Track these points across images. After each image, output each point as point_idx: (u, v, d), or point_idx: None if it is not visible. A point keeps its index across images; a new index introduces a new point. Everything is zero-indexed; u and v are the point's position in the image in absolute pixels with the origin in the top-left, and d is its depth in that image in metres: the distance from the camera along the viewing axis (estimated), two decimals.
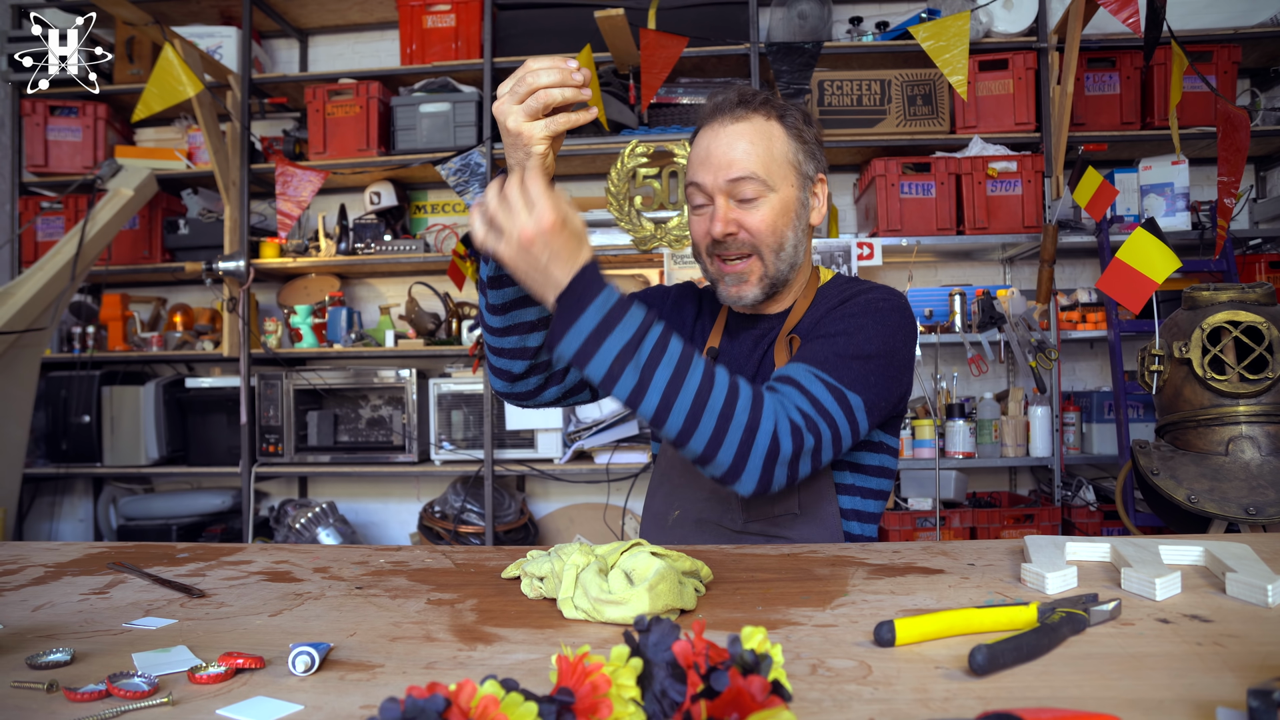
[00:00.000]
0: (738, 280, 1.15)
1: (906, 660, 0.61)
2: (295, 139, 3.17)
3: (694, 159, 1.15)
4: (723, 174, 1.10)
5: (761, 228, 1.11)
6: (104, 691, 0.57)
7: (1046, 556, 0.85)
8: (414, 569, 0.94)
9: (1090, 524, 2.74)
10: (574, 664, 0.49)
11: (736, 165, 1.10)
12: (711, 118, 1.14)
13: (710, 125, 1.14)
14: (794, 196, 1.14)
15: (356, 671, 0.61)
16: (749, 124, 1.12)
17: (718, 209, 1.11)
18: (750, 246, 1.13)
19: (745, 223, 1.11)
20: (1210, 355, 1.59)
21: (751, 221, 1.11)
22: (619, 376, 0.90)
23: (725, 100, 1.14)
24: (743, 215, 1.11)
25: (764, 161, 1.11)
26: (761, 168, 1.10)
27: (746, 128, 1.11)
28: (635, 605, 0.70)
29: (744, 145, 1.10)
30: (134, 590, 0.87)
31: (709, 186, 1.12)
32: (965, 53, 2.30)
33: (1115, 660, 0.60)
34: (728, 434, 0.93)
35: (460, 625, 0.72)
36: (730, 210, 1.11)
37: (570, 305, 0.88)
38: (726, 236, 1.12)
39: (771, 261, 1.13)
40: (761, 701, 0.43)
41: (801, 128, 1.15)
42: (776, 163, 1.12)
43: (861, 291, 1.16)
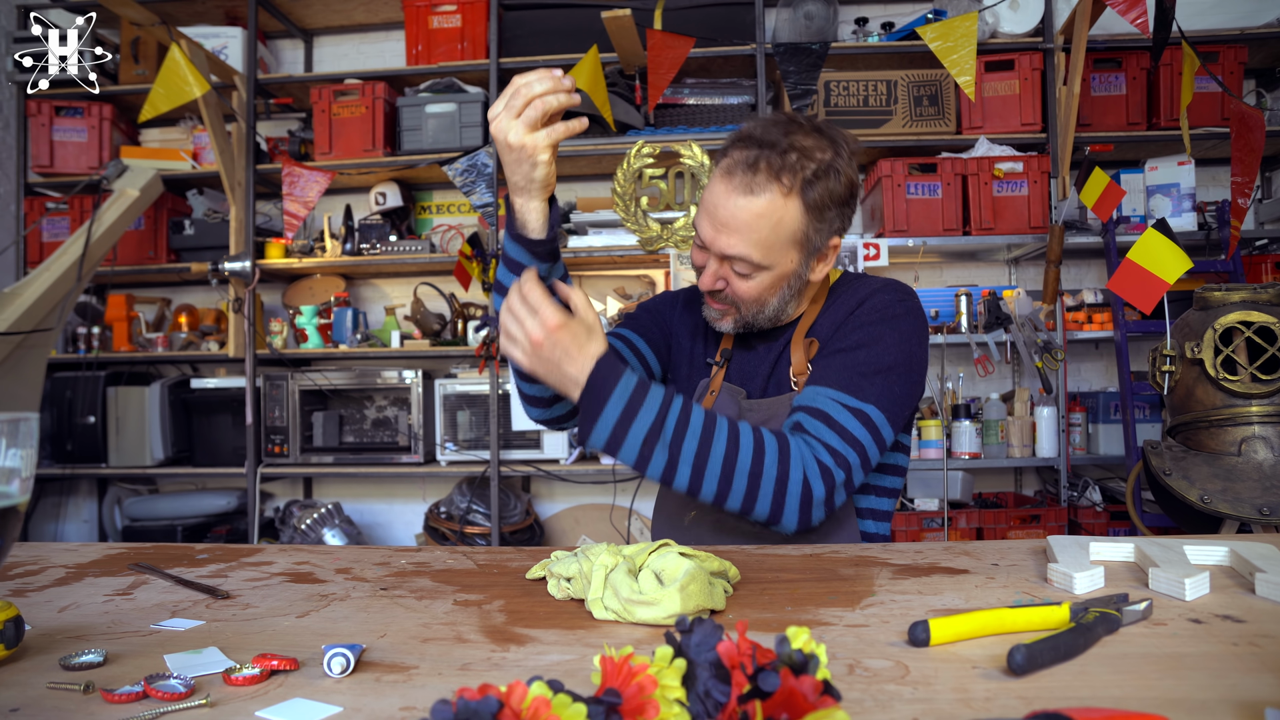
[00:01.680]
0: (716, 315, 1.16)
1: (943, 660, 0.61)
2: (300, 139, 3.17)
3: (705, 201, 1.09)
4: (719, 244, 1.07)
5: (747, 297, 1.10)
6: (141, 693, 0.57)
7: (1072, 556, 0.85)
8: (437, 570, 0.94)
9: (1097, 524, 2.74)
10: (619, 665, 0.49)
11: (733, 245, 1.05)
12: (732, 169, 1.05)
13: (727, 178, 1.06)
14: (790, 270, 1.10)
15: (392, 673, 0.61)
16: (761, 200, 1.03)
17: (709, 265, 1.10)
18: (731, 302, 1.13)
19: (732, 285, 1.10)
20: (1223, 356, 1.59)
21: (739, 288, 1.10)
22: (650, 458, 0.95)
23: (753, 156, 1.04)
24: (732, 278, 1.10)
25: (764, 246, 1.05)
26: (759, 252, 1.05)
27: (756, 204, 1.03)
28: (667, 606, 0.70)
29: (749, 223, 1.04)
30: (157, 591, 0.87)
31: (707, 243, 1.09)
32: (973, 53, 2.30)
33: (1152, 660, 0.60)
34: (760, 490, 0.97)
35: (490, 626, 0.72)
36: (721, 269, 1.10)
37: (592, 401, 0.94)
38: (716, 293, 1.12)
39: (749, 315, 1.14)
40: (814, 701, 0.43)
41: (826, 200, 1.06)
42: (779, 244, 1.06)
43: (874, 292, 1.16)
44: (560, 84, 0.92)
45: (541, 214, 1.02)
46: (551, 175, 0.99)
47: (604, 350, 0.95)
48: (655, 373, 1.31)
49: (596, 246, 2.96)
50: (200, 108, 2.75)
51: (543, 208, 1.03)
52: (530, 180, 0.98)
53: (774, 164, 1.04)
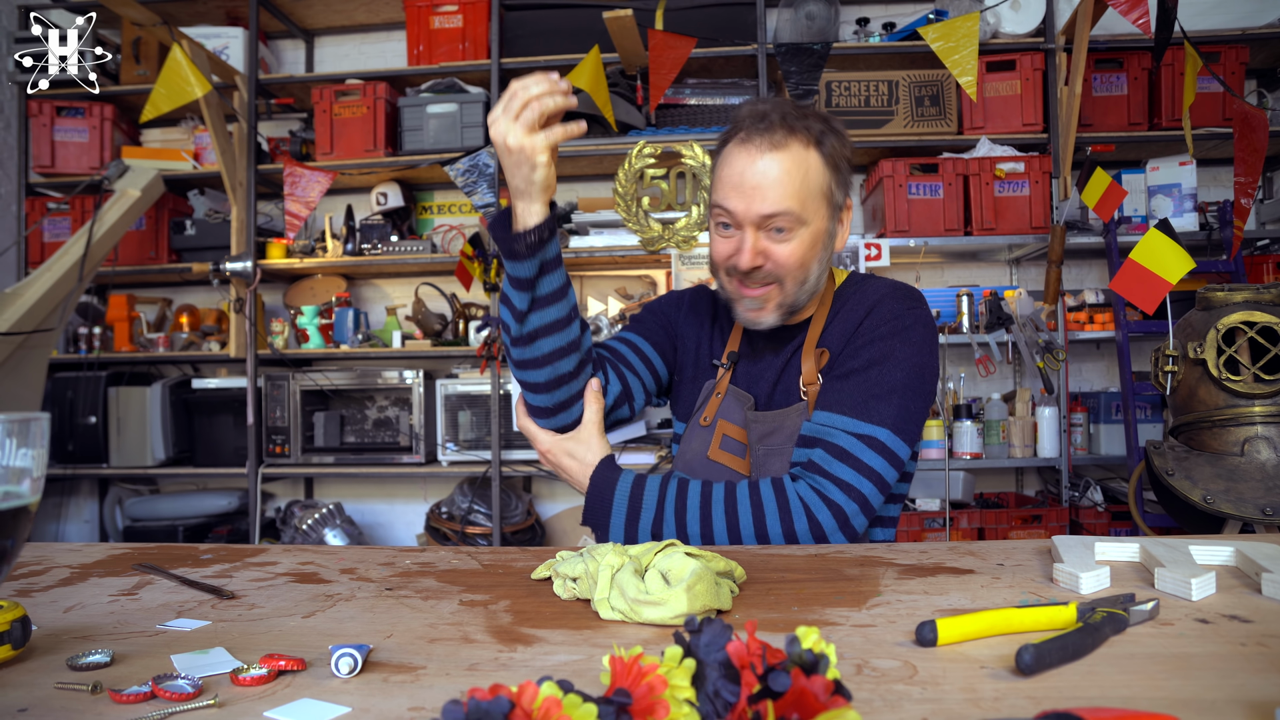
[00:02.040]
0: (756, 306, 1.11)
1: (950, 660, 0.61)
2: (302, 139, 3.17)
3: (725, 180, 1.07)
4: (756, 207, 1.04)
5: (790, 261, 1.07)
6: (149, 693, 0.57)
7: (1077, 556, 0.85)
8: (442, 570, 0.94)
9: (1098, 524, 2.74)
10: (628, 665, 0.49)
11: (771, 200, 1.03)
12: (748, 137, 1.05)
13: (745, 146, 1.05)
14: (824, 228, 1.09)
15: (399, 673, 0.61)
16: (787, 154, 1.04)
17: (746, 240, 1.06)
18: (775, 277, 1.09)
19: (773, 254, 1.07)
20: (1225, 356, 1.59)
21: (781, 254, 1.07)
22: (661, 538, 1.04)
23: (766, 120, 1.05)
24: (771, 247, 1.06)
25: (800, 196, 1.05)
26: (797, 203, 1.04)
27: (784, 158, 1.04)
28: (673, 606, 0.70)
29: (781, 178, 1.03)
30: (163, 592, 0.87)
31: (740, 215, 1.06)
32: (975, 54, 2.31)
33: (1160, 660, 0.60)
34: (771, 541, 1.03)
35: (497, 626, 0.72)
36: (759, 242, 1.06)
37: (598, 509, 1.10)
38: (753, 270, 1.08)
39: (793, 291, 1.10)
40: (826, 702, 0.43)
41: (838, 155, 1.09)
42: (811, 195, 1.06)
43: (881, 298, 1.13)
44: (557, 86, 0.93)
45: (542, 217, 1.02)
46: (552, 178, 1.00)
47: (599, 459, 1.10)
48: (661, 375, 1.30)
49: (598, 246, 2.96)
50: (202, 108, 2.75)
51: (543, 210, 1.02)
52: (530, 183, 0.98)
53: (787, 122, 1.05)
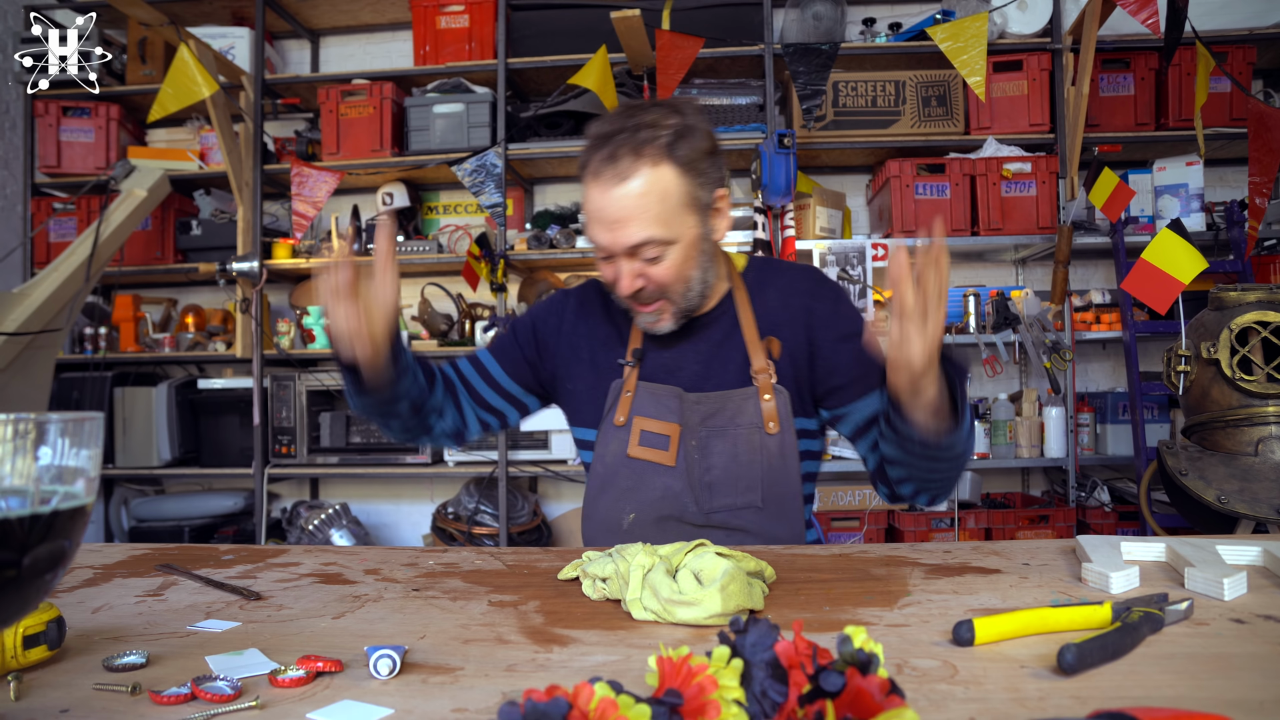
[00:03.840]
0: (652, 319, 1.13)
1: (989, 660, 0.61)
2: (308, 139, 3.16)
3: (589, 214, 1.08)
4: (621, 240, 1.04)
5: (668, 278, 1.08)
6: (189, 694, 0.57)
7: (1105, 556, 0.85)
8: (466, 570, 0.93)
9: (1105, 525, 2.74)
10: (678, 665, 0.49)
11: (633, 232, 1.04)
12: (598, 170, 1.05)
13: (597, 180, 1.05)
14: (695, 236, 1.09)
15: (437, 674, 0.61)
16: (638, 180, 1.03)
17: (621, 269, 1.07)
18: (659, 294, 1.10)
19: (650, 275, 1.07)
20: (1239, 356, 1.59)
21: (657, 274, 1.07)
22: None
23: (610, 145, 1.04)
24: (647, 269, 1.07)
25: (660, 219, 1.04)
26: (659, 226, 1.04)
27: (636, 185, 1.03)
28: (708, 606, 0.70)
29: (635, 207, 1.03)
30: (188, 592, 0.87)
31: (608, 248, 1.06)
32: (983, 54, 2.31)
33: (1201, 660, 0.60)
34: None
35: (529, 627, 0.72)
36: (634, 267, 1.07)
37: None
38: (638, 293, 1.09)
39: (681, 299, 1.12)
40: (882, 701, 0.43)
41: (695, 154, 1.06)
42: (673, 213, 1.05)
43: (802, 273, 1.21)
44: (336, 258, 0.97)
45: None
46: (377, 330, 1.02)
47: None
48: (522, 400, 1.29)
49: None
50: (208, 108, 2.74)
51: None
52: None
53: (631, 144, 1.03)
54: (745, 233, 2.90)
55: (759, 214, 2.81)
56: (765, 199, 2.75)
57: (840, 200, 3.06)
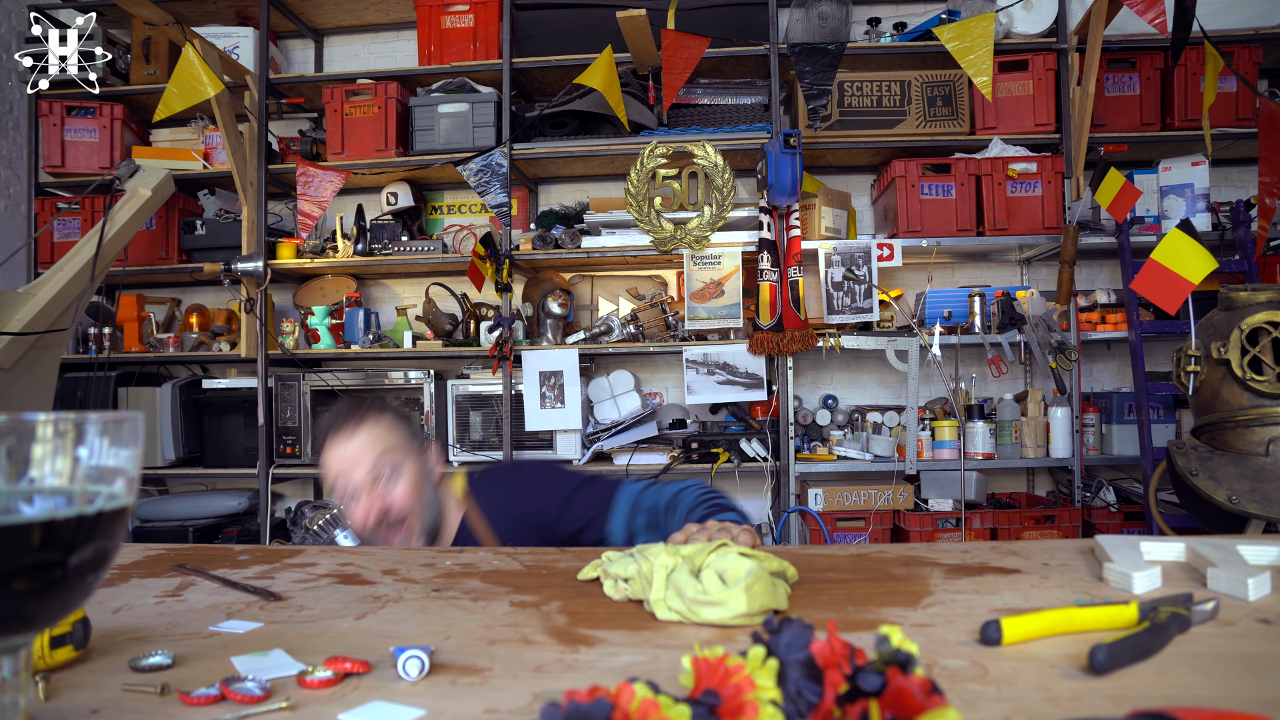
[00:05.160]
0: (405, 540, 1.32)
1: (1018, 660, 0.61)
2: (312, 139, 3.16)
3: (327, 471, 1.33)
4: (353, 475, 1.29)
5: (404, 498, 1.30)
6: (219, 695, 0.57)
7: (1125, 556, 0.85)
8: (484, 571, 0.93)
9: (1111, 525, 2.74)
10: (714, 665, 0.48)
11: (364, 463, 1.29)
12: (330, 437, 1.33)
13: (331, 442, 1.32)
14: (419, 466, 1.34)
15: (466, 675, 0.61)
16: (360, 434, 1.31)
17: (361, 502, 1.30)
18: (400, 515, 1.31)
19: (387, 500, 1.30)
20: (1249, 356, 1.59)
21: (394, 496, 1.30)
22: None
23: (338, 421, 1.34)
24: (385, 495, 1.30)
25: (387, 451, 1.31)
26: (386, 455, 1.31)
27: (359, 436, 1.31)
28: (733, 606, 0.69)
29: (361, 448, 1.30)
30: (207, 593, 0.87)
31: (350, 486, 1.30)
32: (990, 53, 2.31)
33: (1230, 661, 0.60)
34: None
35: (554, 627, 0.72)
36: (371, 497, 1.29)
37: None
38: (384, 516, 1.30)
39: (422, 518, 1.33)
40: (924, 701, 0.42)
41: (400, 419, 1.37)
42: (396, 447, 1.33)
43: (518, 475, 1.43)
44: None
45: None
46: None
47: None
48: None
49: (610, 246, 2.96)
50: (213, 107, 2.74)
51: None
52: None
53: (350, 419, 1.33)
54: (751, 233, 2.90)
55: (764, 214, 2.81)
56: (771, 199, 2.75)
57: (845, 200, 3.06)
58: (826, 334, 2.82)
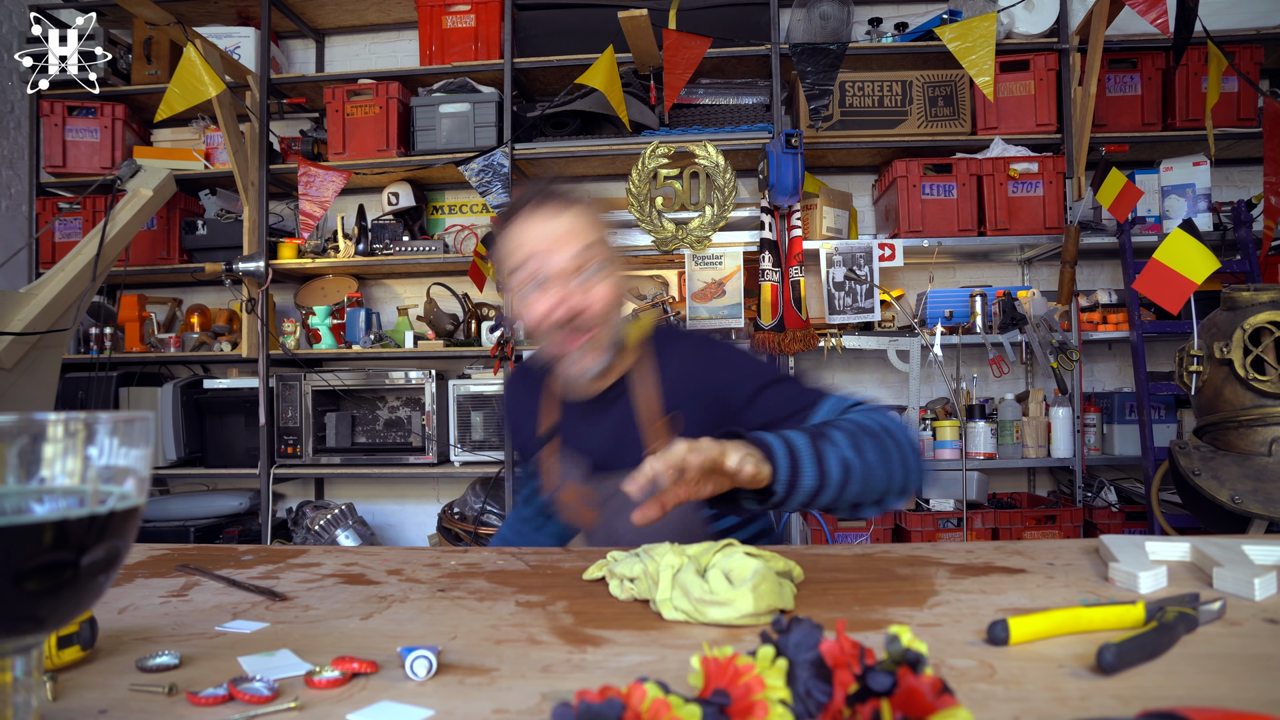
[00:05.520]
0: (582, 353, 1.14)
1: (1026, 659, 0.61)
2: (313, 139, 3.16)
3: (520, 246, 1.13)
4: (557, 257, 1.10)
5: (600, 302, 1.13)
6: (227, 695, 0.57)
7: (1130, 556, 0.85)
8: (490, 571, 0.93)
9: (1112, 525, 2.74)
10: (723, 665, 0.48)
11: (567, 252, 1.11)
12: (531, 211, 1.14)
13: (530, 216, 1.14)
14: (619, 272, 1.18)
15: (473, 675, 0.61)
16: (567, 215, 1.13)
17: (552, 291, 1.11)
18: (591, 322, 1.13)
19: (589, 298, 1.12)
20: (1252, 356, 1.59)
21: (591, 298, 1.12)
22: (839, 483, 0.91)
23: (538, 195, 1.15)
24: (581, 291, 1.11)
25: (591, 243, 1.13)
26: (591, 247, 1.13)
27: (565, 218, 1.12)
28: (740, 605, 0.69)
29: (567, 232, 1.11)
30: (212, 593, 0.87)
31: (546, 270, 1.11)
32: (991, 53, 2.31)
33: (1239, 661, 0.60)
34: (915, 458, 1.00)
35: (560, 628, 0.72)
36: (566, 289, 1.11)
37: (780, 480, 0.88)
38: (574, 317, 1.11)
39: (610, 330, 1.15)
40: (935, 701, 0.42)
41: (604, 219, 1.19)
42: (600, 243, 1.15)
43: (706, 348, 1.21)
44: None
45: None
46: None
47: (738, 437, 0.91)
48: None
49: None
50: (214, 107, 2.74)
51: None
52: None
53: (555, 195, 1.14)
54: (752, 233, 2.90)
55: (766, 214, 2.81)
56: (772, 199, 2.75)
57: (847, 200, 3.06)
58: (828, 334, 2.82)
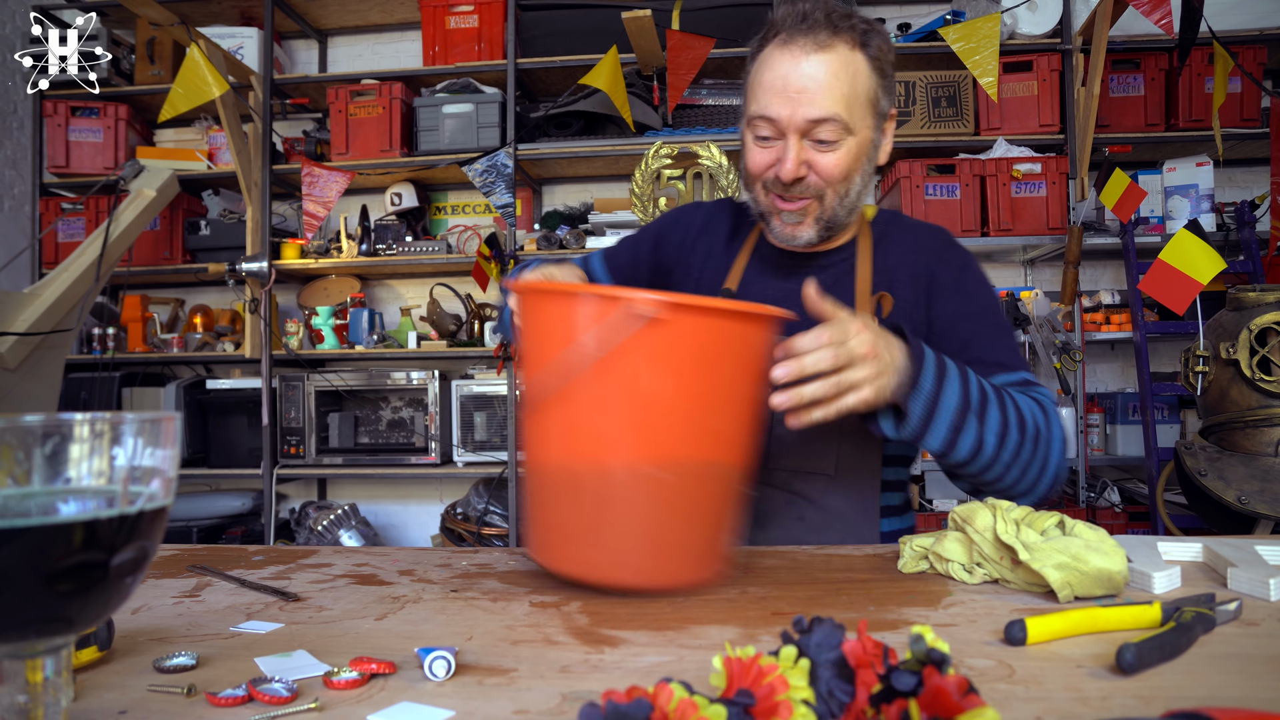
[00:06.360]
0: (794, 220, 1.05)
1: (1045, 659, 0.61)
2: (316, 140, 3.16)
3: (765, 84, 0.99)
4: (802, 112, 0.97)
5: (835, 173, 1.00)
6: (246, 696, 0.57)
7: (1143, 556, 0.85)
8: (502, 571, 0.93)
9: (1116, 525, 2.74)
10: (747, 665, 0.48)
11: (819, 106, 0.96)
12: (790, 38, 0.98)
13: (788, 47, 0.97)
14: (869, 139, 1.02)
15: (492, 676, 0.61)
16: (834, 55, 0.97)
17: (790, 149, 0.99)
18: (817, 190, 1.02)
19: (817, 165, 1.00)
20: (1259, 356, 1.59)
21: (825, 165, 1.00)
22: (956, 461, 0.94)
23: (809, 19, 0.98)
24: (815, 157, 0.99)
25: (847, 101, 0.97)
26: (844, 108, 0.97)
27: (831, 59, 0.96)
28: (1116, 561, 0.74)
29: (828, 80, 0.96)
30: (224, 593, 0.87)
31: (783, 122, 0.98)
32: (995, 54, 2.31)
33: (1259, 661, 0.60)
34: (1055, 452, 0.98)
35: (576, 628, 0.72)
36: (804, 152, 0.99)
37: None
38: (798, 181, 1.01)
39: (834, 205, 1.04)
40: (961, 701, 0.42)
41: (884, 59, 1.01)
42: (858, 101, 0.99)
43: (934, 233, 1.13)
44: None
45: None
46: None
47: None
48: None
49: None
50: (218, 108, 2.74)
51: None
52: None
53: (832, 19, 0.98)
54: None
55: None
56: None
57: None
58: None
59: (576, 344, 0.74)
